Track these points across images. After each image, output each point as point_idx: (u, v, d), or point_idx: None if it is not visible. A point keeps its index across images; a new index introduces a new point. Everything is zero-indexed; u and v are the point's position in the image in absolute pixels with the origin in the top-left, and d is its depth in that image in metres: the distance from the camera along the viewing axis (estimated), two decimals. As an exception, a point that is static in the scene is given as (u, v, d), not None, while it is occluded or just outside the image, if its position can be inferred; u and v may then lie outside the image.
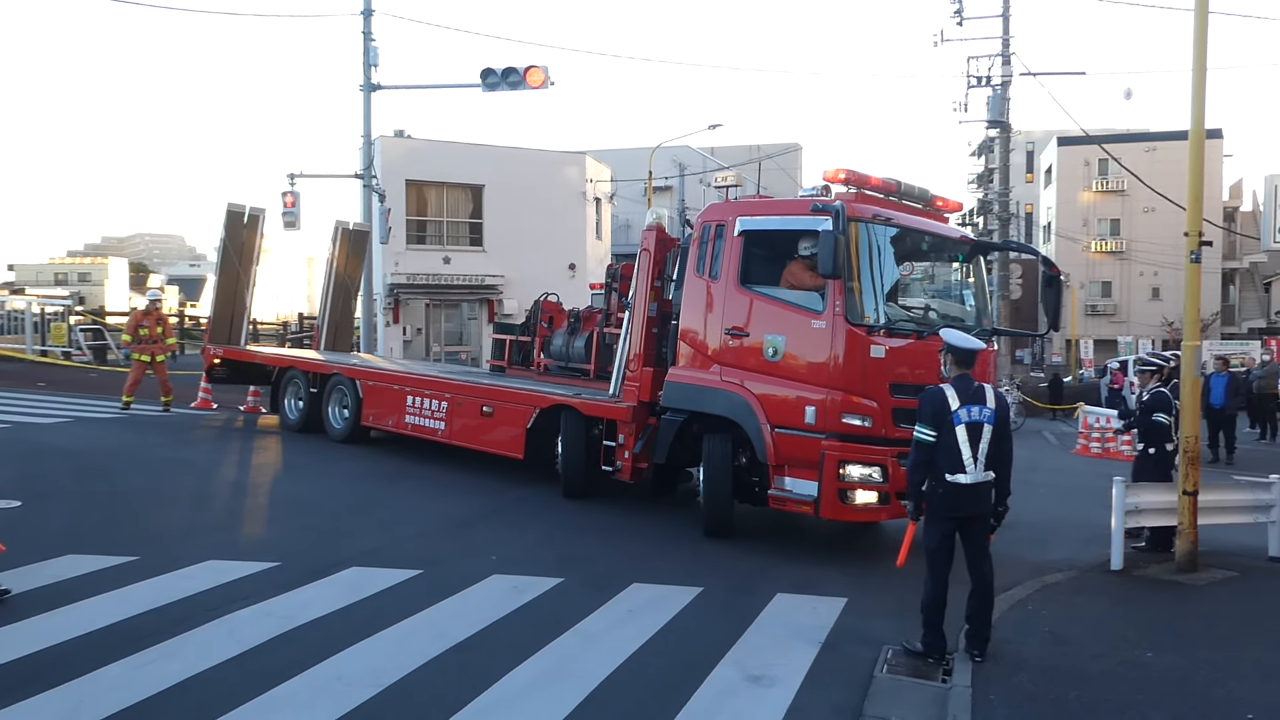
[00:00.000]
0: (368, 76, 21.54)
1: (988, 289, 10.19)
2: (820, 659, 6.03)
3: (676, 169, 37.09)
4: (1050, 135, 56.27)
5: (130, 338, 16.77)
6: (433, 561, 7.79)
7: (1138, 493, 8.79)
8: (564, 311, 13.92)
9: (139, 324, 16.64)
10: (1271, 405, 23.17)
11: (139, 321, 16.73)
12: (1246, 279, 52.93)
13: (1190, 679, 5.78)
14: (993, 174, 30.97)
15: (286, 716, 4.82)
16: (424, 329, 30.91)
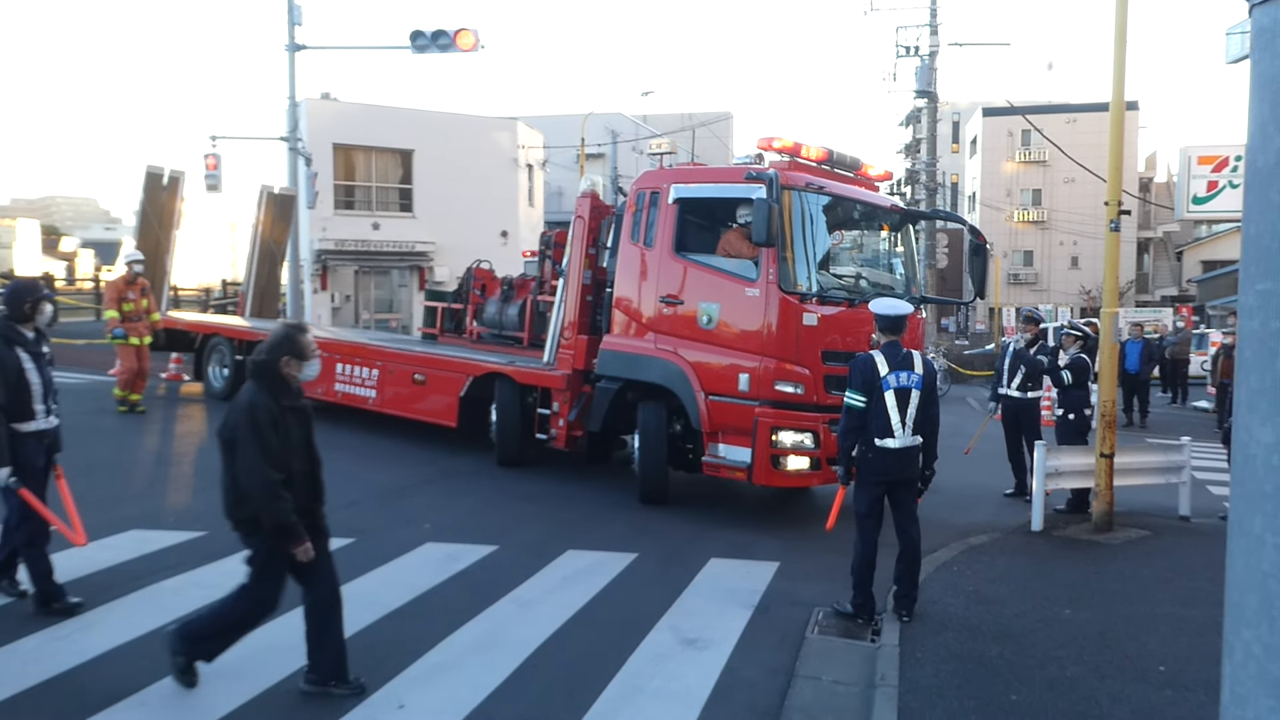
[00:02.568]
0: (292, 36, 20.94)
1: (916, 257, 10.37)
2: (753, 622, 6.14)
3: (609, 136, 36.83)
4: (975, 106, 57.17)
5: (117, 314, 12.92)
6: (365, 531, 7.72)
7: (1058, 456, 9.08)
8: (497, 279, 13.80)
9: (122, 296, 13.02)
10: (1183, 371, 24.04)
11: (121, 293, 13.05)
12: (1160, 248, 54.68)
13: (1106, 633, 6.01)
14: (920, 144, 31.44)
15: (217, 686, 4.76)
16: (353, 296, 30.38)
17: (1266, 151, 2.07)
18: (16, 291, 5.85)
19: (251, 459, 4.44)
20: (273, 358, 4.65)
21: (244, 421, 4.47)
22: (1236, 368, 2.19)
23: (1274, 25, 2.07)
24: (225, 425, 4.56)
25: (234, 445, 4.50)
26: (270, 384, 4.62)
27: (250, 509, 4.53)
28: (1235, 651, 2.14)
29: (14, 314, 5.76)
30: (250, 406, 4.50)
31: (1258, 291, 2.08)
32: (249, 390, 4.59)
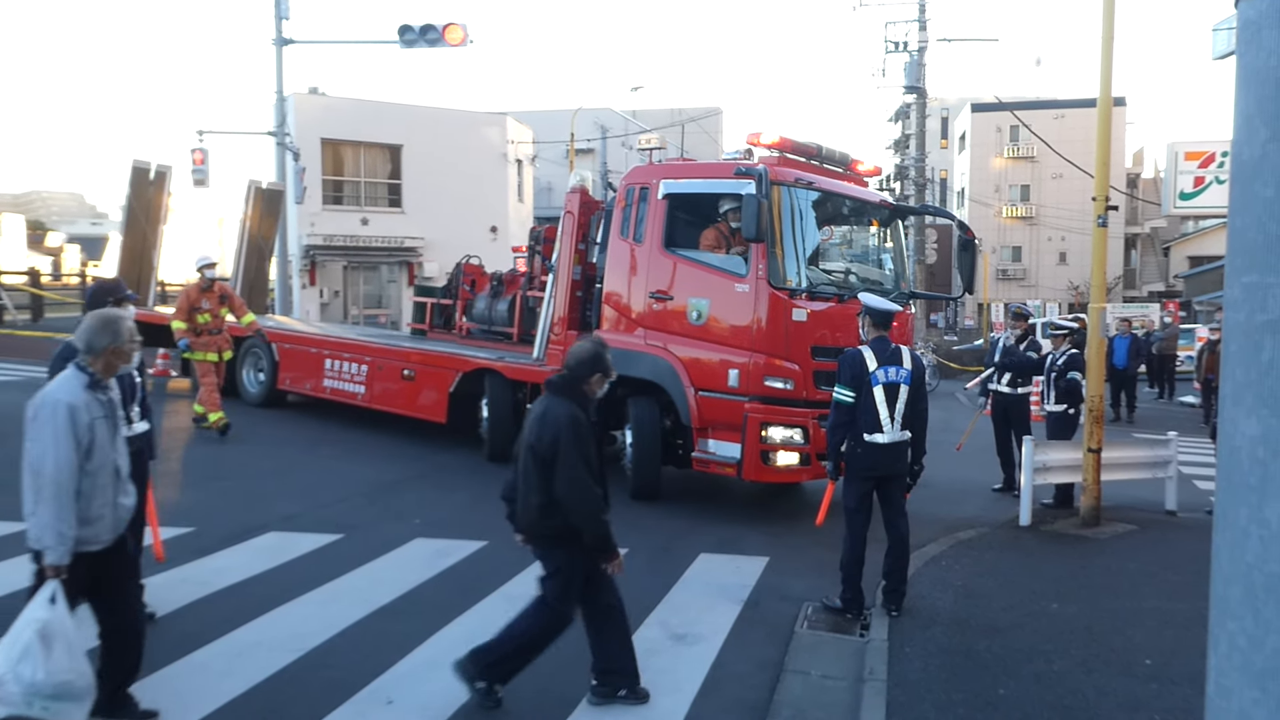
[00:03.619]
0: (279, 30, 20.84)
1: (905, 253, 10.39)
2: (743, 616, 6.15)
3: (599, 131, 36.81)
4: (964, 102, 57.28)
5: (186, 325, 11.25)
6: (354, 526, 7.71)
7: (1046, 451, 9.12)
8: (486, 274, 13.78)
9: (195, 305, 11.26)
10: (1171, 366, 24.16)
11: (194, 301, 11.27)
12: (1147, 244, 54.89)
13: (1093, 628, 6.05)
14: (909, 140, 31.44)
15: (204, 682, 4.75)
16: (342, 291, 30.28)
17: (1252, 145, 2.08)
18: (99, 291, 5.56)
19: (577, 473, 4.43)
20: (583, 374, 4.65)
21: (567, 436, 4.44)
22: (1222, 360, 2.21)
23: (1259, 19, 2.08)
24: (539, 438, 4.48)
25: (550, 458, 4.46)
26: (580, 399, 4.62)
27: (559, 522, 4.49)
28: (1220, 643, 2.15)
29: None
30: (573, 421, 4.48)
31: (1243, 284, 2.09)
32: (562, 404, 4.54)
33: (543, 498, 4.50)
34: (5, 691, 3.57)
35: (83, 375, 4.07)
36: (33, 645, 3.60)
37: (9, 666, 3.58)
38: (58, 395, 3.94)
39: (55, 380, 4.02)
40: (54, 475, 3.81)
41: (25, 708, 3.57)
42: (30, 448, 3.87)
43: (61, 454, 3.84)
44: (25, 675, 3.57)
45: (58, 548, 3.82)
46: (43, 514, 3.80)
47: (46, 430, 3.87)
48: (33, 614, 3.68)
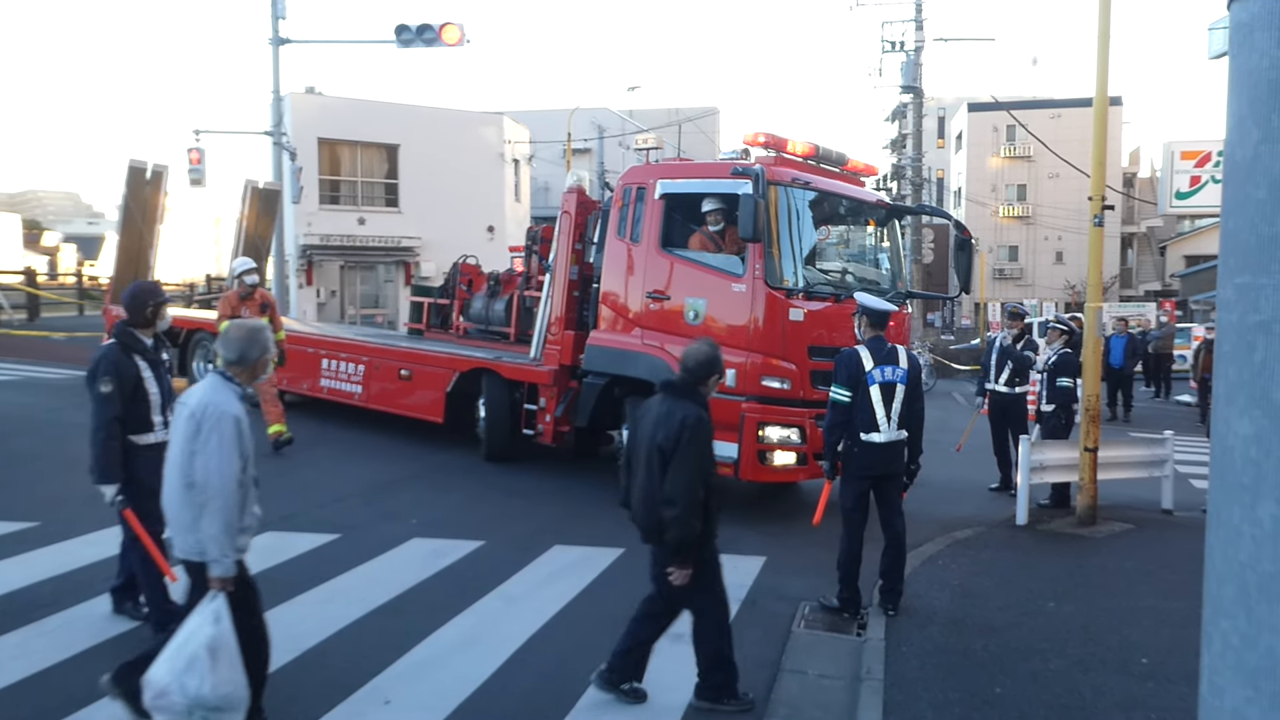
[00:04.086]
0: (276, 29, 20.81)
1: (902, 252, 10.41)
2: (740, 615, 6.14)
3: (595, 131, 36.85)
4: (961, 101, 57.30)
5: None
6: (351, 526, 7.71)
7: (1042, 450, 9.14)
8: (483, 274, 13.78)
9: (235, 314, 10.66)
10: (1167, 365, 24.20)
11: (235, 310, 10.73)
12: (1144, 243, 54.95)
13: (1089, 626, 6.06)
14: (906, 139, 31.48)
15: (203, 685, 4.74)
16: (338, 291, 30.27)
17: (1244, 146, 2.09)
18: (138, 294, 5.46)
19: (691, 474, 4.50)
20: (702, 375, 4.74)
21: (689, 437, 4.50)
22: (1215, 360, 2.22)
23: (1251, 20, 2.09)
24: (666, 438, 4.52)
25: (670, 457, 4.51)
26: (700, 400, 4.70)
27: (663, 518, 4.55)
28: (1213, 641, 2.16)
29: (135, 319, 5.39)
30: (699, 423, 4.56)
31: (1236, 285, 2.10)
32: (687, 406, 4.61)
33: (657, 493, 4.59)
34: (168, 701, 3.61)
35: (234, 386, 4.07)
36: (200, 657, 3.62)
37: (174, 677, 3.61)
38: (223, 407, 3.90)
39: (210, 391, 3.97)
40: (221, 488, 3.80)
41: (186, 717, 3.62)
42: (196, 461, 3.83)
43: (227, 466, 3.83)
44: (191, 687, 3.60)
45: (224, 560, 3.82)
46: (209, 526, 3.79)
47: (213, 442, 3.84)
48: (200, 626, 3.70)
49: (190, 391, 4.05)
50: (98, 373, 5.21)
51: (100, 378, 5.19)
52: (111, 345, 5.34)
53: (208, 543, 3.80)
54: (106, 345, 5.37)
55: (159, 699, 3.63)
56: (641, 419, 4.77)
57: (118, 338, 5.34)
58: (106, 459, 5.15)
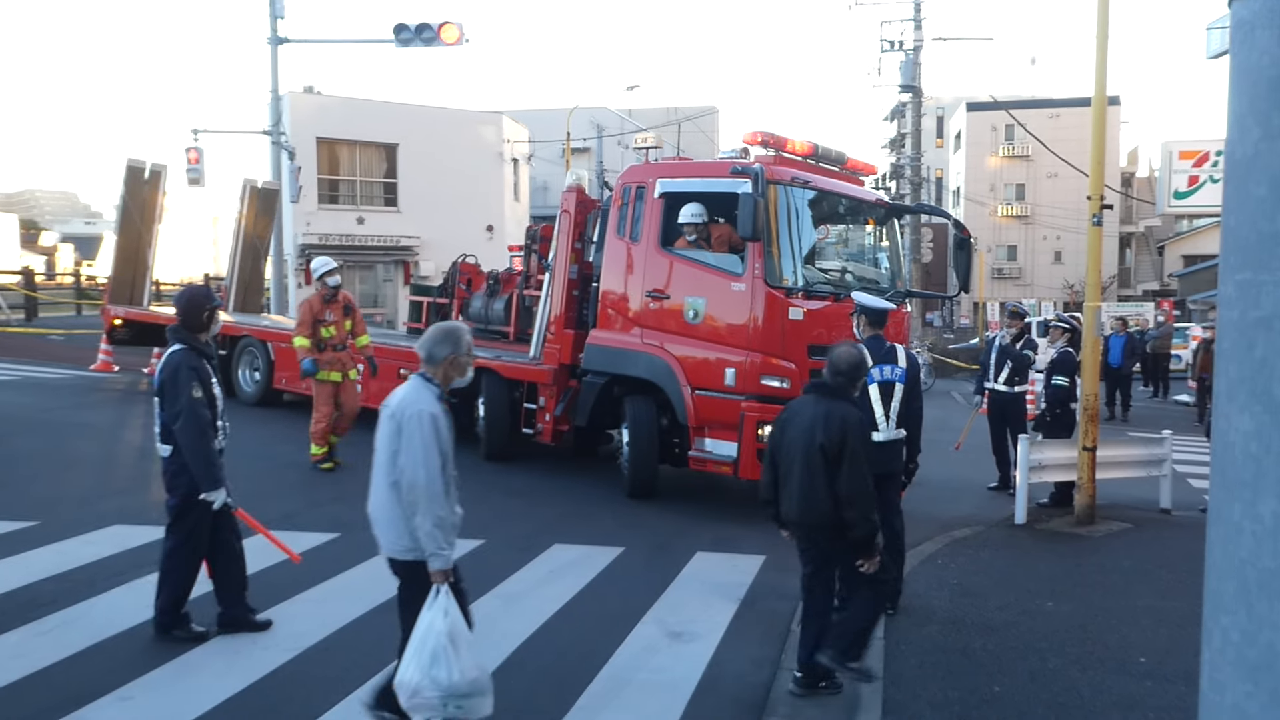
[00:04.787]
0: (274, 29, 20.82)
1: (901, 252, 10.41)
2: (739, 614, 6.16)
3: (594, 130, 36.85)
4: (960, 101, 57.38)
5: (307, 342, 9.89)
6: (351, 525, 7.69)
7: (1041, 450, 9.14)
8: (483, 273, 13.78)
9: (318, 317, 9.98)
10: (1165, 365, 24.23)
11: (317, 313, 9.98)
12: (1142, 243, 55.02)
13: (1088, 626, 6.07)
14: (905, 139, 31.50)
15: (200, 681, 4.75)
16: (337, 290, 30.24)
17: (1245, 143, 2.10)
18: (193, 299, 5.41)
19: (864, 470, 4.75)
20: (856, 378, 5.03)
21: (856, 435, 4.75)
22: (1216, 357, 2.22)
23: (1253, 18, 2.09)
24: (829, 438, 4.71)
25: (839, 456, 4.71)
26: (852, 401, 4.97)
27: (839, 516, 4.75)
28: (1214, 638, 2.17)
29: (191, 324, 5.34)
30: (860, 422, 4.85)
31: (1237, 282, 2.11)
32: (845, 406, 4.86)
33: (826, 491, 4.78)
34: (423, 699, 3.71)
35: (432, 386, 4.14)
36: (443, 649, 3.72)
37: (423, 674, 3.71)
38: (421, 406, 3.98)
39: (410, 391, 4.05)
40: (427, 485, 3.87)
41: (441, 710, 3.71)
42: (400, 460, 3.91)
43: (431, 464, 3.90)
44: (441, 679, 3.70)
45: (441, 553, 3.89)
46: (422, 523, 3.86)
47: (416, 441, 3.91)
48: (434, 620, 3.79)
49: (392, 394, 4.16)
50: (181, 380, 5.11)
51: (188, 384, 5.12)
52: (184, 351, 5.23)
53: (423, 539, 3.87)
54: (177, 351, 5.22)
55: (414, 698, 3.74)
56: (789, 422, 4.97)
57: (185, 343, 5.26)
58: (213, 463, 5.15)
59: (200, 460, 5.09)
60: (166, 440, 5.20)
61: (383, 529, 4.02)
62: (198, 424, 5.09)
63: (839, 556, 4.93)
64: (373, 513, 4.05)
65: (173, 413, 5.10)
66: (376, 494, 4.02)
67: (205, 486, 5.11)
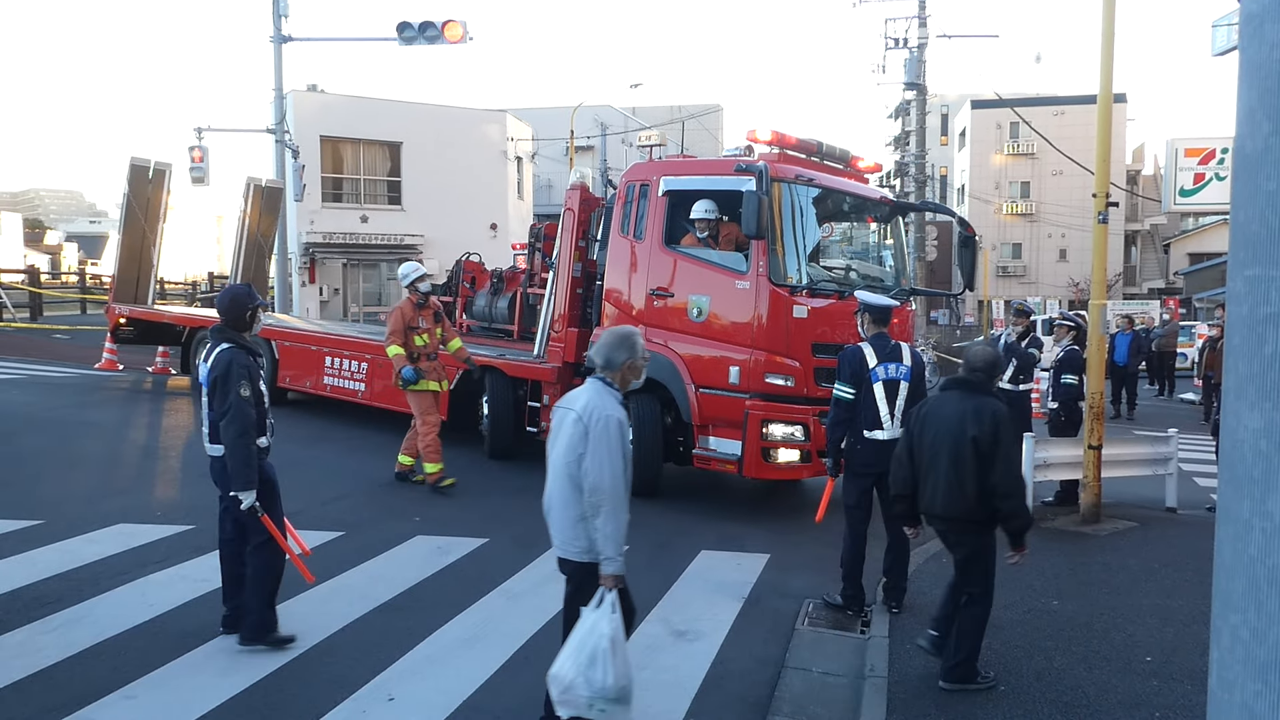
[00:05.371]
0: (278, 27, 20.79)
1: (906, 250, 10.38)
2: (744, 613, 6.15)
3: (598, 128, 36.77)
4: (964, 99, 57.20)
5: (402, 350, 9.21)
6: (355, 524, 7.70)
7: (1047, 448, 9.12)
8: (486, 271, 13.78)
9: (411, 324, 9.30)
10: (1171, 363, 24.16)
11: (410, 320, 9.30)
12: (1147, 241, 54.88)
13: (1093, 624, 6.05)
14: (909, 136, 31.40)
15: (205, 680, 4.75)
16: (341, 289, 30.25)
17: (1255, 138, 2.08)
18: (236, 298, 5.38)
19: (1017, 463, 5.01)
20: (994, 374, 5.24)
21: (1008, 429, 4.91)
22: (1225, 354, 2.21)
23: (1262, 12, 2.07)
24: (980, 431, 4.84)
25: (991, 448, 4.83)
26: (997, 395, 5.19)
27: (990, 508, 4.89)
28: (1222, 636, 2.15)
29: (235, 322, 5.33)
30: (1009, 417, 5.02)
31: (1246, 277, 2.09)
32: (993, 401, 5.04)
33: (980, 486, 4.84)
34: (574, 695, 3.79)
35: (613, 390, 4.15)
36: (602, 652, 3.79)
37: (579, 672, 3.78)
38: (609, 411, 4.00)
39: (595, 396, 4.06)
40: (613, 489, 3.91)
41: (586, 710, 3.79)
42: (586, 463, 3.93)
43: (617, 469, 3.94)
44: (595, 680, 3.76)
45: (618, 558, 3.94)
46: (604, 526, 3.91)
47: (604, 446, 3.93)
48: (599, 623, 3.85)
49: (572, 397, 4.16)
50: (232, 377, 5.08)
51: (238, 382, 5.09)
52: (233, 349, 5.17)
53: (603, 542, 3.92)
54: (227, 349, 5.16)
55: (565, 694, 3.81)
56: (928, 419, 5.10)
57: (233, 342, 5.21)
58: (250, 465, 5.13)
59: (239, 459, 5.07)
60: (217, 440, 5.16)
61: (559, 529, 4.08)
62: (242, 423, 5.08)
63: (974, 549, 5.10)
64: (549, 511, 4.12)
65: (221, 410, 5.08)
66: (556, 494, 4.06)
67: (237, 486, 5.09)
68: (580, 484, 3.92)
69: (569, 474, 3.97)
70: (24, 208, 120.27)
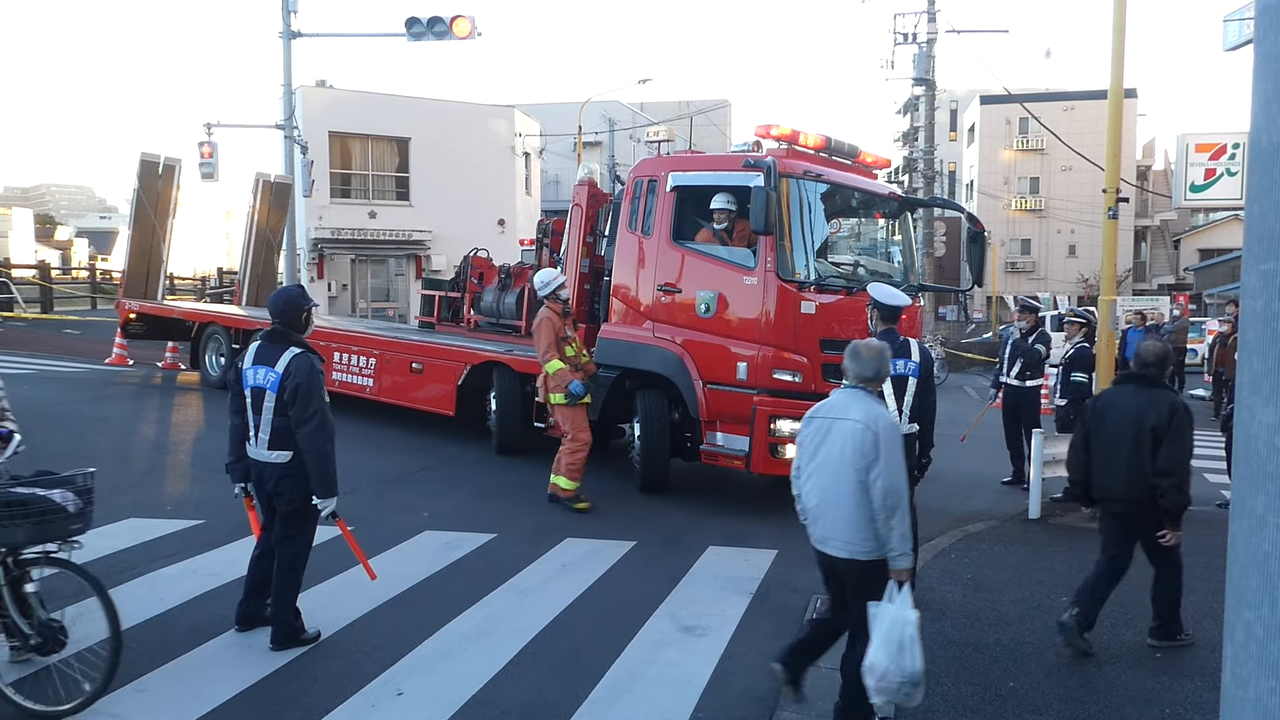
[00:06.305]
0: (287, 23, 20.83)
1: (914, 245, 10.36)
2: (751, 609, 6.15)
3: (606, 124, 36.82)
4: (973, 94, 56.97)
5: (562, 364, 8.53)
6: (363, 519, 7.71)
7: (1055, 444, 9.09)
8: (494, 267, 13.77)
9: (562, 335, 8.67)
10: (1180, 359, 24.06)
11: (560, 331, 8.63)
12: (1157, 236, 54.65)
13: (1102, 621, 6.00)
14: (918, 132, 31.30)
15: (215, 674, 4.76)
16: (350, 285, 30.33)
17: (1270, 131, 2.06)
18: (291, 300, 5.34)
19: (1188, 449, 5.42)
20: (1165, 367, 5.74)
21: (1183, 416, 5.36)
22: (1239, 349, 2.19)
23: (1278, 5, 2.06)
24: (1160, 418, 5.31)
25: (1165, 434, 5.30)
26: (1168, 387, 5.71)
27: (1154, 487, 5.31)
28: (1236, 632, 2.14)
29: (293, 324, 5.30)
30: (1186, 407, 5.45)
31: (1261, 272, 2.08)
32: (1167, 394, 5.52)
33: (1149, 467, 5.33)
34: (888, 683, 4.06)
35: (882, 400, 4.53)
36: (910, 639, 4.07)
37: (891, 660, 4.04)
38: (890, 419, 4.33)
39: (874, 406, 4.33)
40: (903, 492, 4.21)
41: (897, 693, 4.09)
42: (879, 467, 4.15)
43: (904, 474, 4.27)
44: (905, 666, 4.05)
45: (908, 555, 4.25)
46: (899, 526, 4.17)
47: (896, 452, 4.21)
48: (902, 613, 4.11)
49: (838, 406, 4.39)
50: (315, 384, 5.07)
51: (321, 388, 5.12)
52: (306, 354, 5.15)
53: (896, 541, 4.17)
54: (302, 355, 5.13)
55: (881, 681, 4.08)
56: (1105, 410, 5.63)
57: (302, 346, 5.19)
58: (335, 472, 5.17)
59: (328, 467, 5.11)
60: (283, 445, 5.11)
61: (839, 530, 4.28)
62: (328, 429, 5.10)
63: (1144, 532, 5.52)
64: (819, 517, 4.35)
65: (304, 415, 5.03)
66: (842, 498, 4.24)
67: (325, 493, 5.11)
68: (868, 488, 4.17)
69: (859, 479, 4.19)
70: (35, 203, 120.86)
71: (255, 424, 5.18)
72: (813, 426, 4.42)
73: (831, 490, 4.27)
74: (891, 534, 4.16)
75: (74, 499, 4.42)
